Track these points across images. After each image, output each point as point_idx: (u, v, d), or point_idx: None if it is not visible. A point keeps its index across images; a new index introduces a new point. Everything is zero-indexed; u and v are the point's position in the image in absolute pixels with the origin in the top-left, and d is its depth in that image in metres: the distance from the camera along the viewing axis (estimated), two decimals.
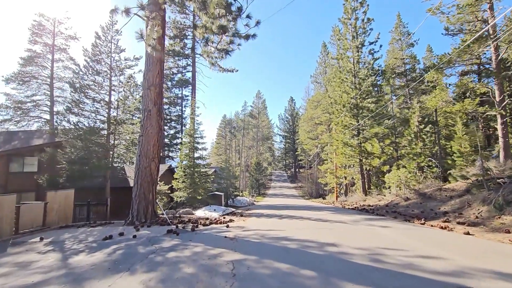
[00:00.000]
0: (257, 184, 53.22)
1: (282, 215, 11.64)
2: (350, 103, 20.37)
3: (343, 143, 21.01)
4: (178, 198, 16.37)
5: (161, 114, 11.20)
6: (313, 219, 9.77)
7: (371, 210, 13.93)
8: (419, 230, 7.16)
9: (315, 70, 44.35)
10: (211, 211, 13.28)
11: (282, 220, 9.80)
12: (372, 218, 10.07)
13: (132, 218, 10.12)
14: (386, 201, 15.96)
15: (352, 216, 10.89)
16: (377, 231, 7.00)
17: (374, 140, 18.21)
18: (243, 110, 68.32)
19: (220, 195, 18.34)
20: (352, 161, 21.32)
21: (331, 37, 34.38)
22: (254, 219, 10.57)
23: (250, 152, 70.67)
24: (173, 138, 31.98)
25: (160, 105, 11.12)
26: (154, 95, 10.87)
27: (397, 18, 37.47)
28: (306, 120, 44.86)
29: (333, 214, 11.99)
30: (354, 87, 21.98)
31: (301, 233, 6.90)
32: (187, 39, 31.37)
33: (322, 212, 13.14)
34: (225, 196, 25.29)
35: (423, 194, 13.43)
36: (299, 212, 13.19)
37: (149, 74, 10.86)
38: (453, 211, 9.47)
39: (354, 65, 22.55)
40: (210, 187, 17.70)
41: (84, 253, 5.81)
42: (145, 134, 10.68)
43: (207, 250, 5.41)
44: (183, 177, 16.85)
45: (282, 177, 79.98)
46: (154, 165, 10.75)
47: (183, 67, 32.93)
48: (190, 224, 9.32)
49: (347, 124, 20.92)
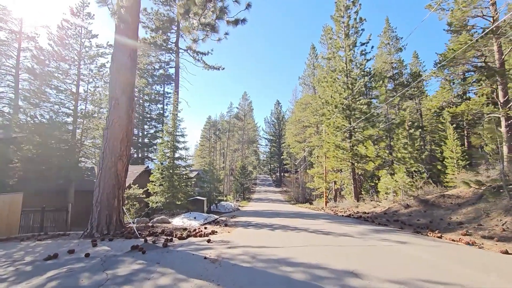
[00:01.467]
0: (242, 189, 51.46)
1: (273, 225, 10.09)
2: (343, 104, 19.30)
3: (334, 146, 19.87)
4: (154, 204, 14.45)
5: (132, 104, 9.41)
6: (311, 231, 8.29)
7: (368, 218, 12.68)
8: (447, 248, 5.83)
9: (303, 72, 43.57)
10: (191, 219, 11.53)
11: (275, 232, 8.25)
12: (379, 229, 8.73)
13: (91, 230, 8.23)
14: (383, 208, 14.81)
15: (354, 226, 9.51)
16: (398, 250, 5.61)
17: (369, 143, 17.19)
18: (229, 112, 66.65)
19: (202, 200, 16.56)
20: (344, 165, 20.21)
21: (321, 37, 33.73)
22: (241, 230, 8.96)
23: (235, 155, 68.87)
24: (153, 138, 29.77)
25: (131, 93, 9.35)
26: (124, 81, 9.09)
27: (385, 23, 37.41)
28: (293, 122, 43.79)
29: (331, 223, 10.58)
30: (346, 87, 21.00)
31: (304, 252, 5.38)
32: (171, 33, 29.50)
33: (318, 221, 11.71)
34: (208, 201, 23.43)
35: (424, 201, 12.34)
36: (292, 220, 11.70)
37: (118, 54, 9.07)
38: (469, 222, 8.30)
39: (346, 64, 21.59)
40: (191, 191, 15.92)
41: (4, 284, 4.06)
42: (111, 127, 8.85)
43: (178, 282, 3.78)
44: (161, 179, 14.95)
45: (267, 181, 78.71)
46: (122, 164, 8.92)
47: (166, 63, 30.95)
48: (163, 237, 7.59)
49: (340, 126, 19.82)
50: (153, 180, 14.95)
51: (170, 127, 15.66)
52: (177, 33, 28.94)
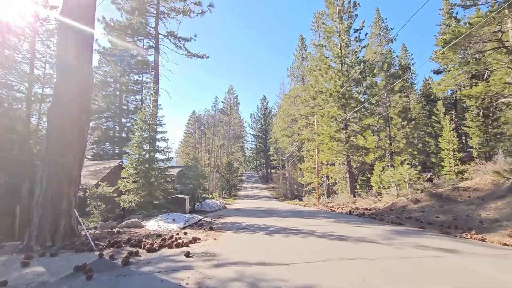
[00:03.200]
0: (228, 186, 49.47)
1: (268, 227, 8.33)
2: (339, 92, 17.78)
3: (329, 137, 18.37)
4: (126, 204, 12.31)
5: (89, 72, 7.26)
6: (318, 235, 6.60)
7: (374, 215, 11.18)
8: None
9: (291, 64, 41.96)
10: (169, 222, 9.57)
11: (274, 238, 6.49)
12: (399, 230, 7.16)
13: (29, 241, 6.13)
14: (386, 204, 13.43)
15: (366, 227, 7.92)
16: (458, 265, 3.98)
17: (368, 133, 15.80)
18: (214, 106, 64.21)
19: (184, 198, 14.57)
20: (339, 158, 18.79)
21: (312, 24, 32.25)
22: (231, 236, 7.14)
23: (221, 152, 66.66)
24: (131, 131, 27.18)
25: (89, 57, 7.21)
26: (76, 40, 6.93)
27: (376, 13, 36.40)
28: (281, 116, 42.17)
29: (336, 223, 8.95)
30: (341, 74, 19.53)
31: (327, 274, 3.64)
32: (150, 16, 26.90)
33: (319, 220, 10.06)
34: (192, 199, 21.39)
35: (436, 195, 10.99)
36: (289, 221, 9.99)
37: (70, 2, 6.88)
38: (507, 219, 6.88)
39: (341, 50, 20.10)
40: (171, 188, 13.89)
41: None
42: (58, 104, 6.73)
43: None
44: (135, 175, 12.83)
45: (254, 177, 77.13)
46: (73, 154, 6.82)
47: (145, 49, 28.35)
48: (127, 250, 5.67)
49: (335, 115, 18.33)
50: (125, 176, 12.78)
51: (146, 115, 13.51)
52: (156, 16, 26.41)
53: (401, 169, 12.88)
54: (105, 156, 29.61)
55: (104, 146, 30.62)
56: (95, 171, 15.59)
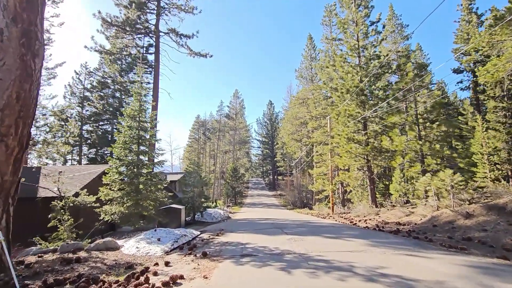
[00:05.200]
0: (234, 193, 47.18)
1: (283, 253, 6.08)
2: (358, 87, 15.55)
3: (346, 139, 16.07)
4: (108, 216, 10.23)
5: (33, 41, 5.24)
6: (361, 273, 4.33)
7: (414, 233, 8.80)
8: None
9: (300, 65, 39.84)
10: (152, 242, 7.40)
11: (294, 277, 4.26)
12: (481, 265, 4.83)
13: None
14: (422, 217, 11.01)
15: (427, 257, 5.58)
16: None
17: (395, 132, 13.47)
18: (219, 111, 62.30)
19: (179, 209, 12.39)
20: (358, 162, 16.43)
21: (322, 18, 30.16)
22: (229, 270, 4.92)
23: (226, 157, 64.55)
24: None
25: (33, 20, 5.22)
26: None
27: (389, 10, 34.25)
28: (289, 119, 39.89)
29: (376, 248, 6.62)
30: (359, 68, 17.36)
31: None
32: (150, 13, 25.32)
33: (348, 241, 7.74)
34: (191, 209, 19.22)
35: (497, 207, 8.57)
36: (308, 241, 7.69)
37: None
38: None
39: (358, 41, 17.96)
40: (163, 196, 11.77)
41: None
42: None
43: None
44: (119, 182, 10.78)
45: (260, 184, 74.68)
46: (5, 150, 4.77)
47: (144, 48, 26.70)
48: None
49: (353, 114, 16.06)
50: (107, 182, 10.71)
51: (135, 110, 11.51)
52: (157, 12, 24.78)
53: (442, 174, 10.50)
54: (103, 161, 27.86)
55: (101, 150, 28.87)
56: (80, 176, 13.58)
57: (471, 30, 31.34)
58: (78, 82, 32.75)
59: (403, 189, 18.25)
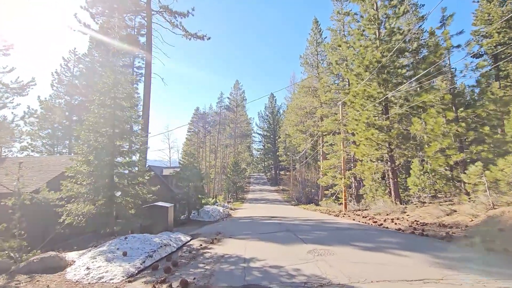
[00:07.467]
0: (235, 188, 45.00)
1: (311, 283, 3.74)
2: (381, 63, 13.08)
3: (366, 124, 13.68)
4: (71, 218, 7.94)
5: None
6: None
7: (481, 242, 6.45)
8: None
9: (305, 50, 37.00)
10: (114, 258, 5.08)
11: None
12: None
13: None
14: (473, 217, 8.65)
15: None
16: None
17: (431, 113, 10.97)
18: (219, 103, 59.81)
19: (165, 207, 10.02)
20: (379, 151, 14.04)
21: None
22: None
23: (227, 151, 62.21)
24: None
25: None
26: None
27: None
28: (294, 109, 37.29)
29: (457, 271, 4.28)
30: (379, 42, 14.89)
31: None
32: None
33: (397, 256, 5.41)
34: (186, 206, 16.95)
35: None
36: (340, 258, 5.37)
37: None
38: None
39: (377, 11, 15.44)
40: (145, 193, 9.44)
41: None
42: None
43: None
44: (87, 173, 8.47)
45: (262, 179, 72.63)
46: None
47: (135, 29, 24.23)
48: None
49: (374, 94, 13.62)
50: (71, 174, 8.39)
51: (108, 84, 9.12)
52: None
53: (501, 162, 8.13)
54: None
55: None
56: (47, 169, 11.23)
57: (492, 10, 28.72)
58: (66, 69, 30.36)
59: (422, 183, 15.95)
